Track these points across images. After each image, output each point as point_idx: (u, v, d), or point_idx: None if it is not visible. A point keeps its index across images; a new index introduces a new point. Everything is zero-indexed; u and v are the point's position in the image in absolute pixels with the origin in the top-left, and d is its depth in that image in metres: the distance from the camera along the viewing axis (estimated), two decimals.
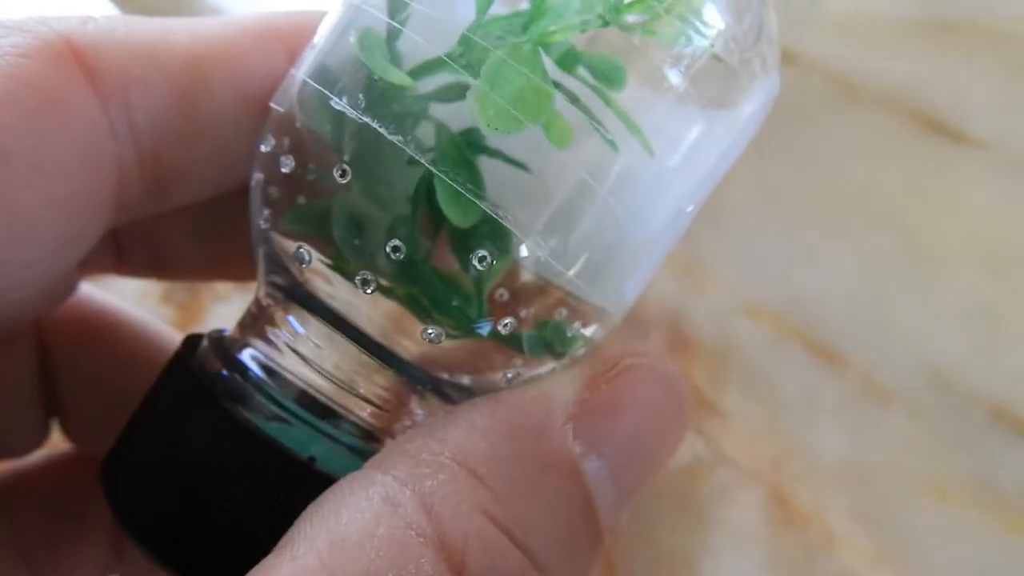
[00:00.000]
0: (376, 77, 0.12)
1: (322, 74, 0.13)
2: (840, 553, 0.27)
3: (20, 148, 0.13)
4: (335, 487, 0.13)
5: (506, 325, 0.12)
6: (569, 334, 0.13)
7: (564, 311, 0.12)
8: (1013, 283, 0.33)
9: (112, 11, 0.48)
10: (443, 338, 0.12)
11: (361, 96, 0.12)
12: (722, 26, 0.12)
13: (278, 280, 0.13)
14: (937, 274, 0.33)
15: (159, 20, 0.14)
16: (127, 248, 0.18)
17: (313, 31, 0.14)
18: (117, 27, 0.14)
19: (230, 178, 0.15)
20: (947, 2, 0.41)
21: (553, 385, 0.13)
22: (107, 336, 0.18)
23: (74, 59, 0.13)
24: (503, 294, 0.12)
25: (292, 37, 0.15)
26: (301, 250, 0.12)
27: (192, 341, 0.14)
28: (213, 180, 0.15)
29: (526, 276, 0.12)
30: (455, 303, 0.12)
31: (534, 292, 0.12)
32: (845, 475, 0.28)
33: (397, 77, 0.11)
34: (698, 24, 0.12)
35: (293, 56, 0.15)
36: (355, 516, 0.11)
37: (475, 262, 0.12)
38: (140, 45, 0.14)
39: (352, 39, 0.12)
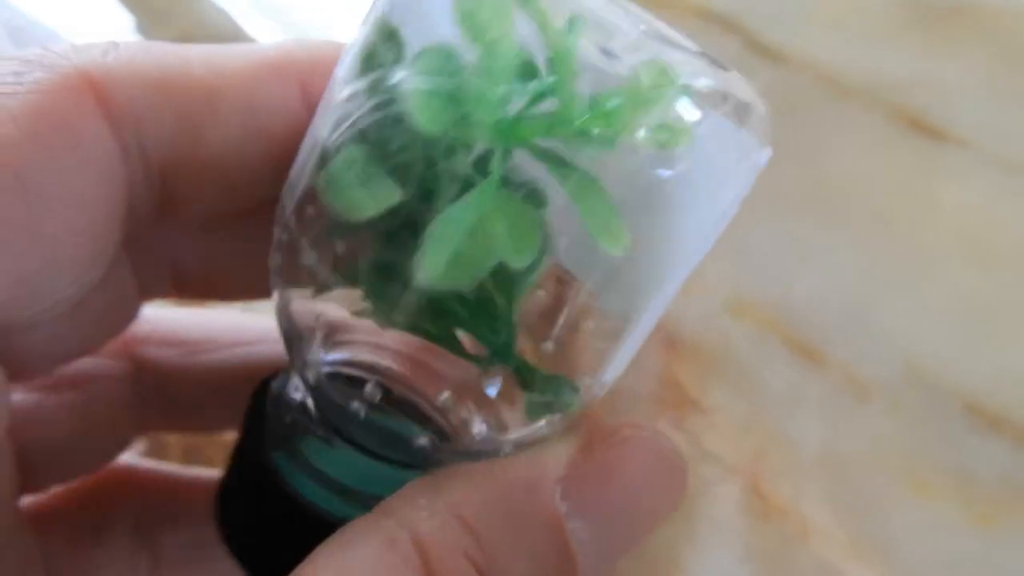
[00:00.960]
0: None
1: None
2: (818, 544, 0.28)
3: (40, 180, 0.14)
4: (346, 528, 0.14)
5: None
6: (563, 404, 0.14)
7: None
8: (993, 281, 0.34)
9: (120, 11, 0.49)
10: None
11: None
12: (697, 117, 0.13)
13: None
14: (919, 271, 0.34)
15: (179, 49, 0.15)
16: (183, 271, 0.19)
17: (330, 65, 0.15)
18: (136, 56, 0.14)
19: (235, 201, 0.16)
20: (932, 1, 0.42)
21: (549, 449, 0.15)
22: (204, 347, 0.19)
23: (91, 91, 0.14)
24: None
25: (308, 71, 0.16)
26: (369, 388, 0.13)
27: (271, 377, 0.15)
28: (218, 202, 0.16)
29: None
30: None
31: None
32: (824, 469, 0.29)
33: (366, 207, 0.12)
34: (671, 123, 0.12)
35: (306, 91, 0.16)
36: (359, 553, 0.13)
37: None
38: (154, 75, 0.15)
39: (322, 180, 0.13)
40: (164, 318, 0.20)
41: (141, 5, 0.49)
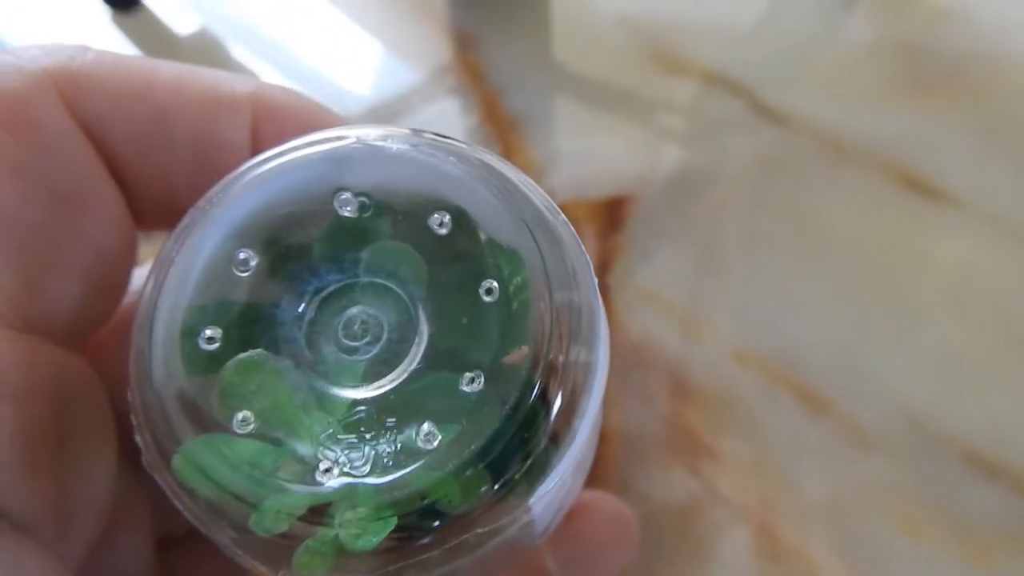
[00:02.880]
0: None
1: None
2: None
3: (55, 184, 0.14)
4: None
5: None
6: None
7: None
8: (986, 333, 0.36)
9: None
10: None
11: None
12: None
13: None
14: (915, 323, 0.36)
15: (148, 65, 0.15)
16: None
17: (288, 113, 0.15)
18: (102, 66, 0.15)
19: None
20: (929, 63, 0.44)
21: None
22: None
23: (56, 91, 0.14)
24: None
25: (263, 114, 0.16)
26: None
27: None
28: (164, 223, 0.16)
29: None
30: None
31: None
32: (827, 512, 0.31)
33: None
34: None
35: (257, 134, 0.15)
36: None
37: None
38: (114, 87, 0.15)
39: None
40: None
41: (167, 58, 0.51)
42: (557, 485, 0.12)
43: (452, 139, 0.13)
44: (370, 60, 0.50)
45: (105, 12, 0.50)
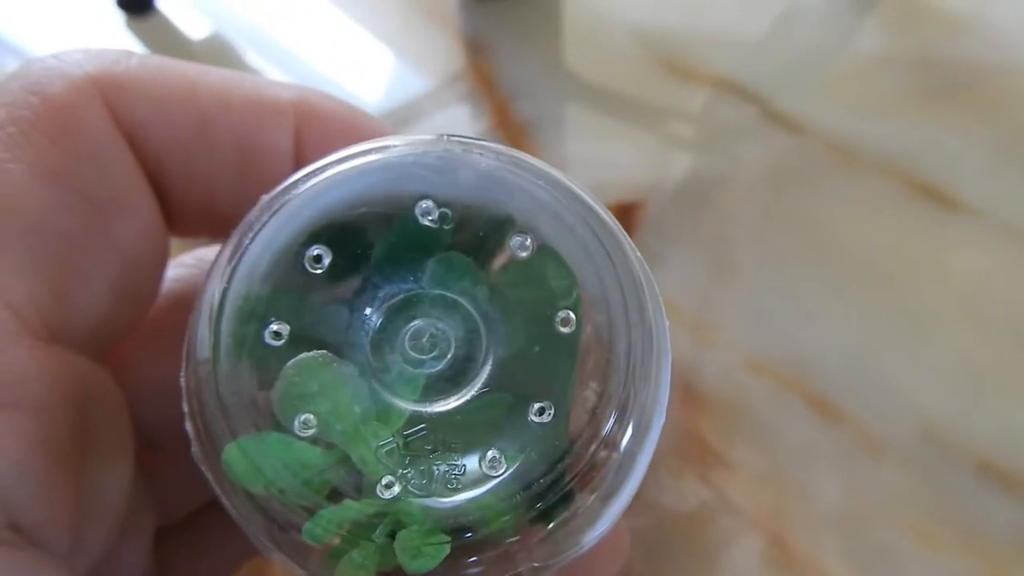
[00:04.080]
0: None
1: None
2: None
3: (86, 190, 0.14)
4: None
5: None
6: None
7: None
8: (1001, 343, 0.35)
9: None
10: None
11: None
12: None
13: None
14: (929, 333, 0.36)
15: (192, 70, 0.15)
16: None
17: (330, 117, 0.15)
18: (145, 71, 0.15)
19: (219, 230, 0.16)
20: (943, 72, 0.44)
21: None
22: None
23: (100, 96, 0.14)
24: None
25: (306, 119, 0.16)
26: None
27: None
28: (205, 229, 0.16)
29: None
30: None
31: None
32: (840, 522, 0.31)
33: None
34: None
35: (300, 139, 0.15)
36: None
37: None
38: (157, 93, 0.15)
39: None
40: None
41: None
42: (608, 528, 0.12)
43: (538, 162, 0.13)
44: (382, 66, 0.50)
45: (119, 16, 0.51)
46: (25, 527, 0.13)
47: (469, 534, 0.12)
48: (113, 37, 0.50)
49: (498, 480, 0.11)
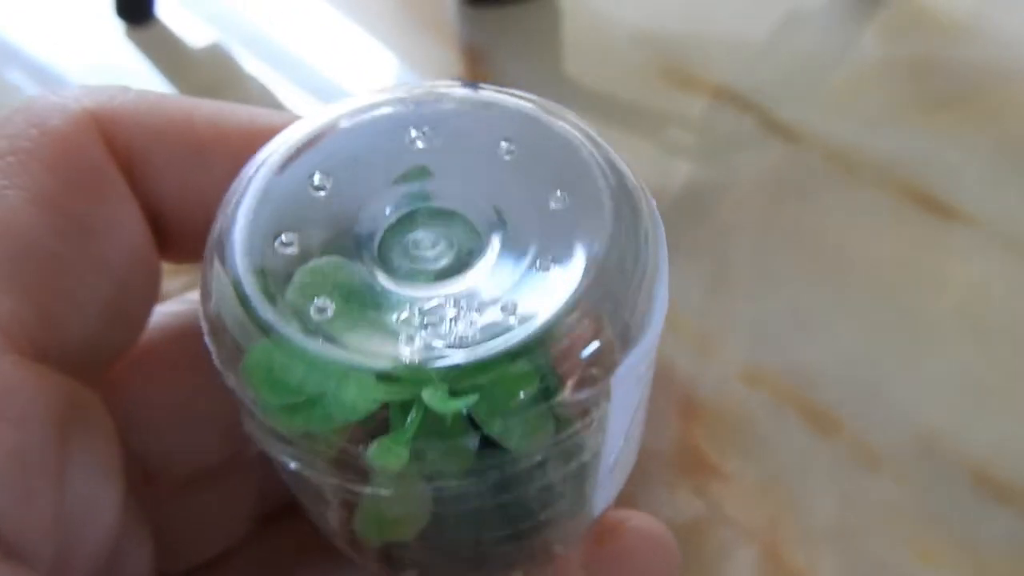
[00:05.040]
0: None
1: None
2: None
3: (79, 215, 0.15)
4: None
5: None
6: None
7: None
8: (998, 354, 0.35)
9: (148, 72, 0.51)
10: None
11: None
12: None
13: None
14: (927, 344, 0.36)
15: (188, 102, 0.16)
16: None
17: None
18: (142, 103, 0.16)
19: None
20: (943, 81, 0.44)
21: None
22: None
23: (97, 130, 0.15)
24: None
25: None
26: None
27: None
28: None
29: None
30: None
31: None
32: (835, 534, 0.30)
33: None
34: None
35: None
36: None
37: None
38: (155, 121, 0.16)
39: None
40: None
41: (185, 81, 0.51)
42: (635, 382, 0.13)
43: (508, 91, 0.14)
44: (383, 73, 0.50)
45: (119, 25, 0.51)
46: (2, 536, 0.13)
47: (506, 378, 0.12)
48: (113, 47, 0.50)
49: (519, 332, 0.12)
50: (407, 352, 0.12)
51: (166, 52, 0.51)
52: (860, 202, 0.40)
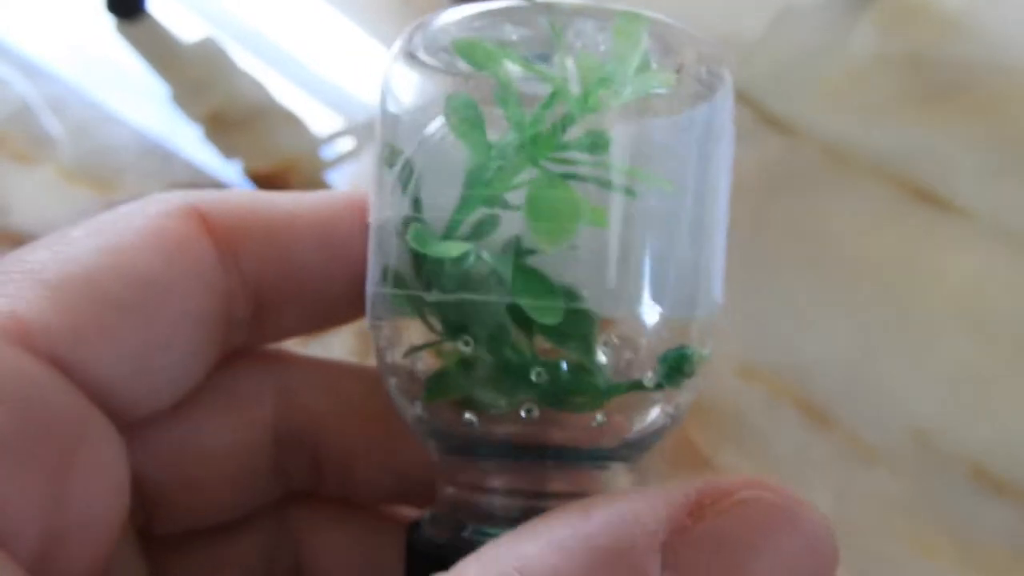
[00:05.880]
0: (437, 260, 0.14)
1: (395, 280, 0.15)
2: None
3: (161, 281, 0.16)
4: None
5: (649, 377, 0.13)
6: (690, 353, 0.14)
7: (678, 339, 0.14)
8: (995, 348, 0.35)
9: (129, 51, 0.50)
10: (606, 416, 0.14)
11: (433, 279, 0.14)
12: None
13: (454, 447, 0.15)
14: (923, 338, 0.35)
15: (267, 192, 0.18)
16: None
17: None
18: (232, 193, 0.18)
19: (319, 315, 0.18)
20: (938, 74, 0.44)
21: (643, 503, 0.12)
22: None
23: (197, 216, 0.17)
24: (627, 355, 0.13)
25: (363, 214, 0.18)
26: (467, 417, 0.14)
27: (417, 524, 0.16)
28: (304, 316, 0.18)
29: (632, 329, 0.14)
30: (600, 386, 0.14)
31: (645, 338, 0.14)
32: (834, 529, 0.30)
33: (456, 249, 0.13)
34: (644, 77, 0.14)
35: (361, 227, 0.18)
36: None
37: (599, 346, 0.13)
38: (246, 202, 0.18)
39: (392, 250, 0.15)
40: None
41: (177, 76, 0.51)
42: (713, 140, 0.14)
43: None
44: (377, 68, 0.49)
45: (110, 20, 0.50)
46: None
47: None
48: (103, 41, 0.50)
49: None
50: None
51: (157, 47, 0.50)
52: (855, 196, 0.39)
